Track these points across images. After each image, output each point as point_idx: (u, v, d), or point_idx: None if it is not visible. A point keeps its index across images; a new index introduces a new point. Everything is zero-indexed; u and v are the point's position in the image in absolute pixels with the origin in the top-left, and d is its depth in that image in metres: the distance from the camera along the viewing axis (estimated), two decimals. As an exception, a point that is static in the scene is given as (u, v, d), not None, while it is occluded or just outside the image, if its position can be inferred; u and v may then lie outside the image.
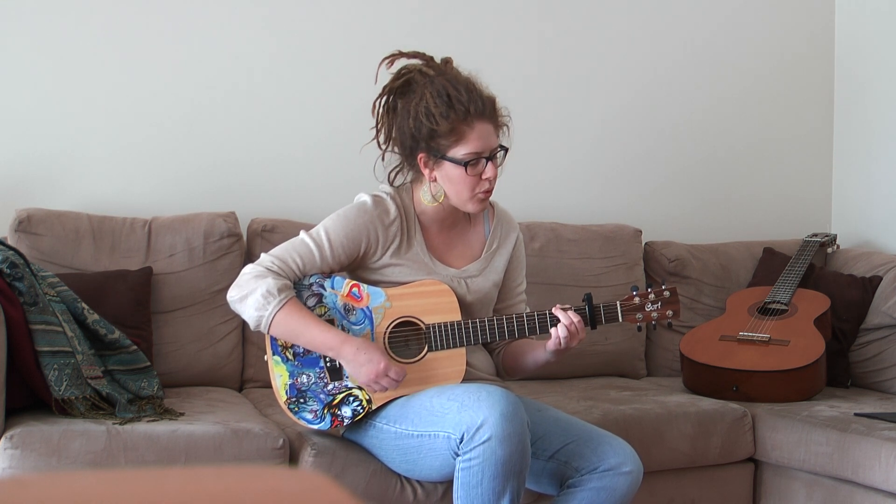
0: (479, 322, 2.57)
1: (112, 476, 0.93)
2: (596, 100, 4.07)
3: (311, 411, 2.57)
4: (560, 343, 2.53)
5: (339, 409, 2.57)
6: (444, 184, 2.57)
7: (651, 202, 4.14)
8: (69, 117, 3.45)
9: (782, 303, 3.59)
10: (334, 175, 3.63)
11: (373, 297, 2.58)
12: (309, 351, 2.57)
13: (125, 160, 3.51)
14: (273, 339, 2.58)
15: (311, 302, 2.57)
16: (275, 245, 2.64)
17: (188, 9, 3.56)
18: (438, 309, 2.58)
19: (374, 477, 2.63)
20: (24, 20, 3.40)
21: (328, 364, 2.57)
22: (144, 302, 3.16)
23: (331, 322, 2.56)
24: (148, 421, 2.67)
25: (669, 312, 2.63)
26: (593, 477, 2.49)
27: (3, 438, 2.52)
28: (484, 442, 2.31)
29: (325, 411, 2.57)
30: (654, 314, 2.62)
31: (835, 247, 4.05)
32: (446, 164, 2.54)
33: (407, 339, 2.59)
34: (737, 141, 4.29)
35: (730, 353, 3.41)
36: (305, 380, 2.58)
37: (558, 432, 2.56)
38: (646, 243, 3.94)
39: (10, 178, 3.38)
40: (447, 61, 2.63)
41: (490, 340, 2.59)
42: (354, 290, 2.59)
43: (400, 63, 2.65)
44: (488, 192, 2.57)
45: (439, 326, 2.57)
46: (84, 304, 2.90)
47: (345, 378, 2.57)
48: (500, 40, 3.93)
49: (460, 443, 2.37)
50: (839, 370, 3.63)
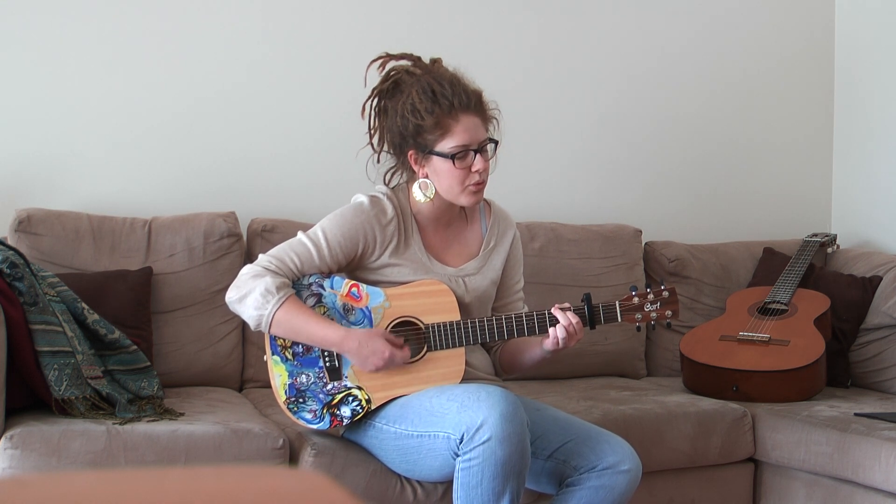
0: (479, 322, 2.57)
1: (112, 476, 0.94)
2: (596, 100, 4.07)
3: (310, 411, 2.57)
4: (558, 343, 2.54)
5: (339, 409, 2.57)
6: (434, 179, 2.57)
7: (651, 202, 4.14)
8: (69, 117, 3.45)
9: (782, 303, 3.59)
10: (334, 175, 3.63)
11: (372, 296, 2.59)
12: (308, 351, 2.57)
13: (125, 160, 3.51)
14: (272, 339, 2.58)
15: (311, 302, 2.57)
16: (274, 245, 2.64)
17: (188, 9, 3.56)
18: (437, 309, 2.58)
19: (374, 477, 2.63)
20: (24, 20, 3.40)
21: (327, 364, 2.57)
22: (144, 302, 3.16)
23: (330, 322, 2.57)
24: (148, 421, 2.67)
25: (668, 312, 2.62)
26: (592, 475, 2.49)
27: (3, 438, 2.52)
28: (484, 442, 2.32)
29: (325, 411, 2.57)
30: (653, 314, 2.61)
31: (835, 247, 4.05)
32: (435, 159, 2.54)
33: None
34: (737, 141, 4.29)
35: (730, 353, 3.41)
36: (305, 380, 2.58)
37: (557, 431, 2.56)
38: (646, 243, 3.94)
39: (10, 178, 3.38)
40: (435, 61, 2.64)
41: (489, 340, 2.59)
42: (354, 289, 2.59)
43: (390, 65, 2.66)
44: (479, 184, 2.56)
45: (438, 326, 2.57)
46: (84, 304, 2.90)
47: (344, 378, 2.57)
48: (498, 40, 3.93)
49: (460, 443, 2.37)
50: (839, 370, 3.63)
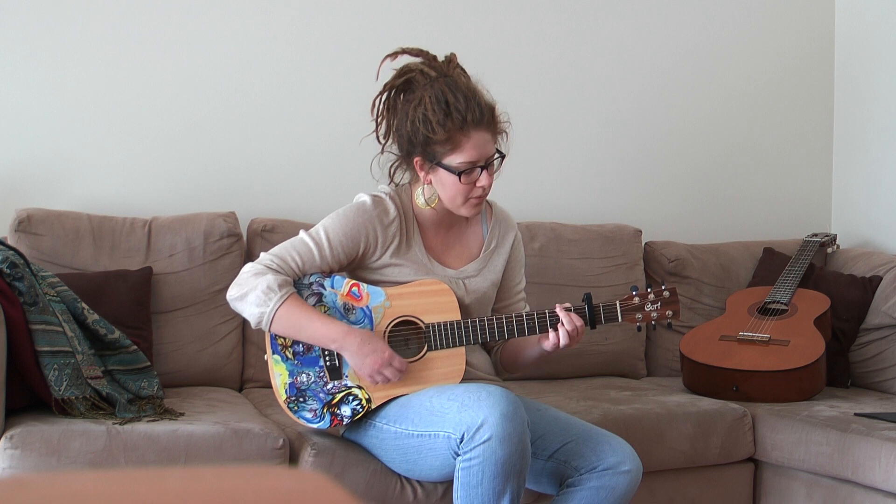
0: (479, 321, 2.57)
1: (112, 476, 0.94)
2: (596, 100, 4.07)
3: (310, 410, 2.57)
4: (558, 346, 2.54)
5: (339, 409, 2.57)
6: (438, 188, 2.57)
7: (651, 202, 4.14)
8: (69, 118, 3.45)
9: (782, 303, 3.59)
10: (334, 175, 3.63)
11: (372, 296, 2.59)
12: (308, 350, 2.57)
13: (125, 160, 3.51)
14: (273, 338, 2.58)
15: (311, 301, 2.57)
16: (275, 245, 2.64)
17: (188, 10, 3.56)
18: (438, 308, 2.58)
19: (374, 477, 2.63)
20: (25, 20, 3.40)
21: (328, 363, 2.57)
22: (144, 302, 3.16)
23: (330, 321, 2.57)
24: (148, 421, 2.67)
25: (669, 312, 2.62)
26: (592, 476, 2.49)
27: (3, 438, 2.52)
28: (484, 442, 2.31)
29: (325, 410, 2.57)
30: (653, 314, 2.61)
31: (835, 247, 4.05)
32: (441, 171, 2.54)
33: (406, 339, 2.59)
34: (737, 141, 4.29)
35: (730, 353, 3.41)
36: (305, 379, 2.58)
37: (557, 432, 2.56)
38: (646, 243, 3.93)
39: (10, 179, 3.38)
40: (450, 59, 2.61)
41: (489, 340, 2.59)
42: (354, 289, 2.59)
43: (403, 59, 2.64)
44: (481, 198, 2.57)
45: (439, 326, 2.57)
46: (84, 304, 2.90)
47: (344, 377, 2.57)
48: (501, 40, 3.93)
49: (460, 442, 2.37)
50: (839, 370, 3.63)
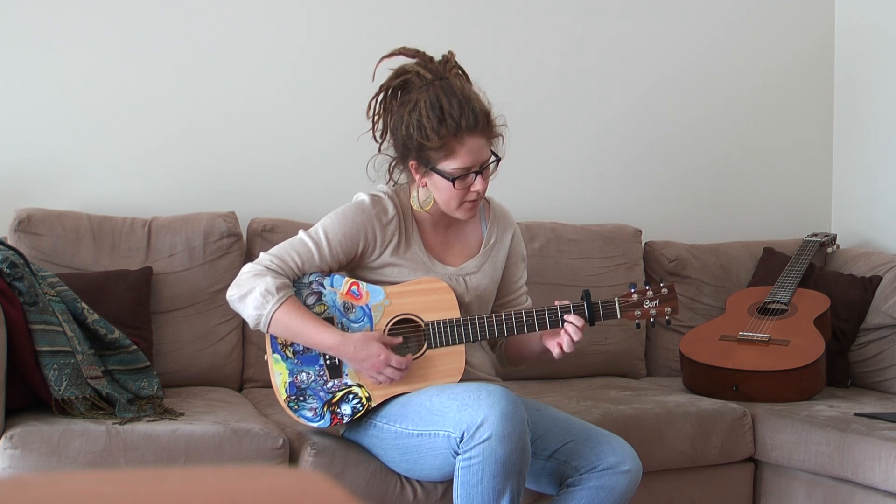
0: (478, 319, 2.57)
1: (112, 476, 0.94)
2: (596, 100, 4.07)
3: (310, 409, 2.57)
4: (562, 353, 2.54)
5: (339, 407, 2.57)
6: (433, 191, 2.58)
7: (651, 202, 4.14)
8: (69, 118, 3.45)
9: (782, 303, 3.59)
10: (334, 175, 3.63)
11: (372, 294, 2.59)
12: (309, 349, 2.57)
13: (125, 160, 3.51)
14: (273, 337, 2.58)
15: (311, 300, 2.57)
16: (274, 245, 2.64)
17: (188, 10, 3.56)
18: (437, 306, 2.58)
19: (374, 477, 2.63)
20: (25, 21, 3.40)
21: (328, 362, 2.57)
22: (144, 302, 3.16)
23: (330, 320, 2.57)
24: (148, 421, 2.67)
25: (668, 309, 2.62)
26: (592, 476, 2.49)
27: (3, 438, 2.52)
28: (484, 441, 2.32)
29: (325, 409, 2.57)
30: (652, 311, 2.61)
31: (835, 247, 4.05)
32: (436, 176, 2.54)
33: (406, 337, 2.59)
34: (737, 141, 4.29)
35: (730, 352, 3.41)
36: (305, 378, 2.58)
37: (557, 432, 2.56)
38: (646, 243, 3.93)
39: (10, 179, 3.38)
40: (447, 59, 2.61)
41: (489, 337, 2.59)
42: (353, 287, 2.59)
43: (400, 60, 2.64)
44: (476, 201, 2.57)
45: (438, 324, 2.57)
46: (84, 304, 2.90)
47: (344, 376, 2.57)
48: (501, 40, 3.93)
49: (460, 441, 2.37)
50: (839, 370, 3.63)
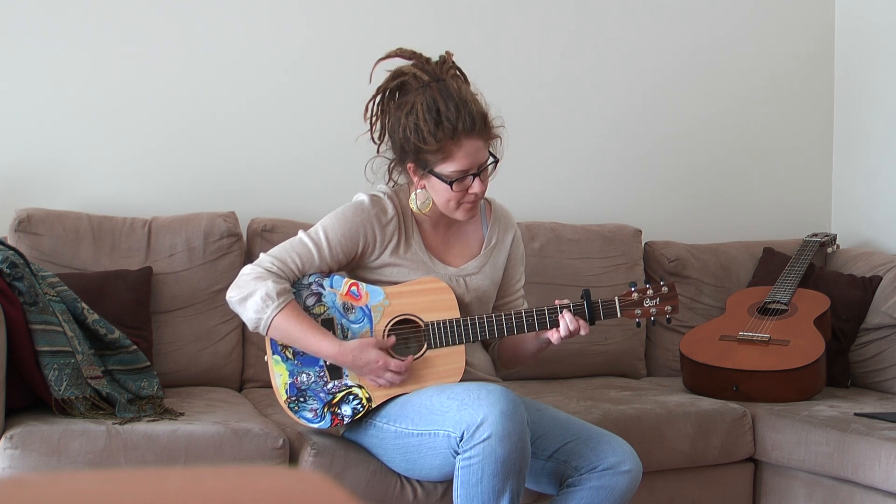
0: (478, 319, 2.57)
1: (112, 476, 0.94)
2: (596, 100, 4.07)
3: (311, 410, 2.57)
4: (560, 337, 2.55)
5: (339, 408, 2.57)
6: (431, 193, 2.58)
7: (651, 202, 4.14)
8: (69, 118, 3.45)
9: (782, 303, 3.59)
10: (334, 175, 3.63)
11: (371, 295, 2.59)
12: (309, 350, 2.58)
13: (125, 160, 3.51)
14: (273, 338, 2.58)
15: (311, 301, 2.57)
16: (275, 245, 2.63)
17: (188, 10, 3.56)
18: (437, 307, 2.58)
19: (374, 477, 2.63)
20: (25, 21, 3.40)
21: (328, 363, 2.57)
22: (144, 302, 3.16)
23: (330, 321, 2.57)
24: (148, 421, 2.67)
25: (668, 308, 2.62)
26: (592, 476, 2.49)
27: (3, 438, 2.52)
28: (484, 440, 2.32)
29: (325, 410, 2.57)
30: (652, 310, 2.61)
31: (835, 247, 4.05)
32: (433, 178, 2.54)
33: (406, 337, 2.59)
34: (737, 141, 4.29)
35: (730, 352, 3.41)
36: (305, 379, 2.58)
37: (557, 431, 2.56)
38: (646, 243, 3.93)
39: (10, 179, 3.38)
40: (444, 60, 2.61)
41: (489, 337, 2.59)
42: (353, 288, 2.59)
43: (397, 61, 2.64)
44: (474, 202, 2.57)
45: (438, 324, 2.57)
46: (84, 304, 2.90)
47: (345, 377, 2.57)
48: (500, 41, 3.93)
49: (460, 441, 2.37)
50: (839, 370, 3.63)
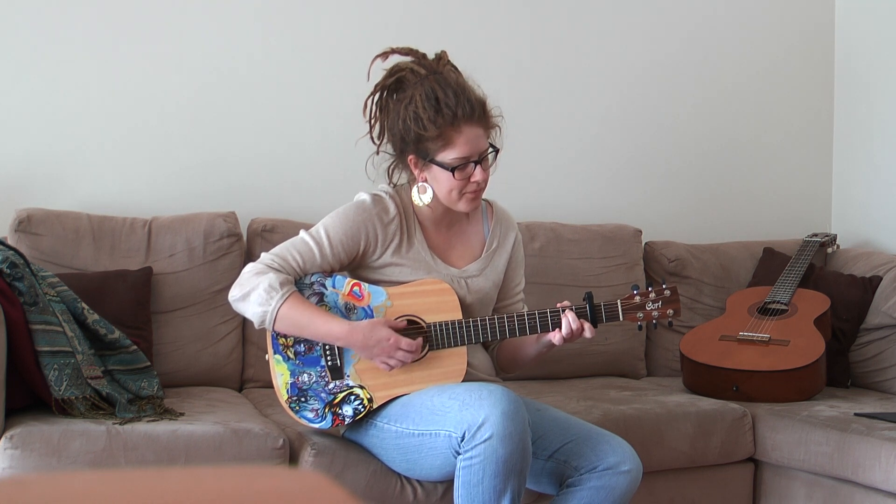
0: (481, 321, 2.57)
1: (112, 476, 0.94)
2: (596, 100, 4.07)
3: (312, 410, 2.57)
4: (562, 338, 2.55)
5: (341, 408, 2.57)
6: (433, 184, 2.58)
7: (651, 202, 4.14)
8: (69, 117, 3.45)
9: (782, 303, 3.59)
10: (334, 175, 3.63)
11: (374, 295, 2.59)
12: (310, 350, 2.57)
13: (125, 160, 3.51)
14: (274, 338, 2.58)
15: (313, 301, 2.57)
16: (275, 245, 2.64)
17: (188, 10, 3.56)
18: (439, 308, 2.58)
19: (374, 477, 2.63)
20: (24, 20, 3.40)
21: (329, 363, 2.57)
22: (144, 302, 3.16)
23: (331, 321, 2.57)
24: (148, 421, 2.67)
25: (670, 311, 2.62)
26: (592, 476, 2.49)
27: (3, 438, 2.52)
28: (485, 440, 2.32)
29: (327, 410, 2.57)
30: (654, 313, 2.62)
31: (835, 247, 4.05)
32: (435, 168, 2.54)
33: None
34: (737, 141, 4.29)
35: (730, 352, 3.41)
36: (307, 378, 2.58)
37: (557, 432, 2.56)
38: (646, 243, 3.93)
39: (10, 179, 3.38)
40: (440, 57, 2.62)
41: (491, 339, 2.59)
42: (356, 288, 2.59)
43: (393, 59, 2.64)
44: (477, 192, 2.57)
45: (440, 325, 2.57)
46: (84, 304, 2.90)
47: (346, 377, 2.57)
48: (497, 39, 3.93)
49: (461, 441, 2.37)
50: (839, 370, 3.63)
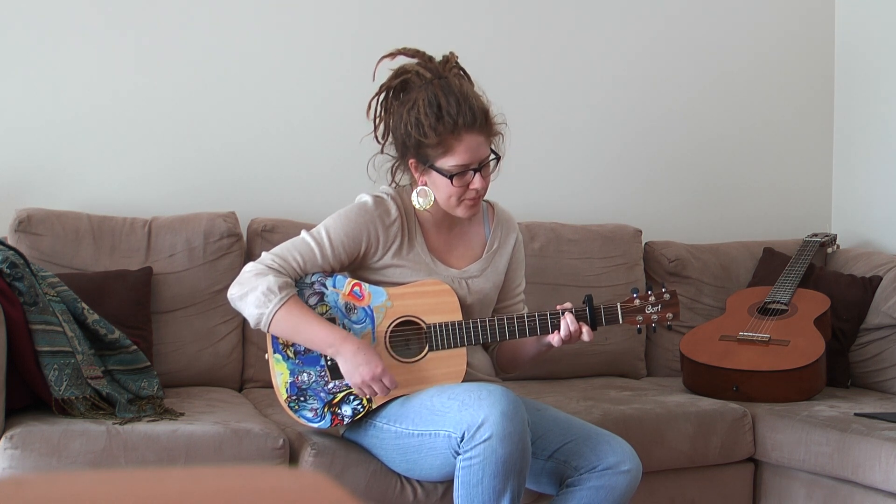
0: (480, 322, 2.57)
1: (112, 476, 0.94)
2: (596, 100, 4.07)
3: (311, 409, 2.57)
4: (561, 339, 2.55)
5: (340, 408, 2.57)
6: (433, 189, 2.58)
7: (651, 202, 4.14)
8: (69, 117, 3.45)
9: (782, 303, 3.59)
10: (335, 175, 3.63)
11: (374, 296, 2.59)
12: (310, 349, 2.57)
13: (125, 160, 3.51)
14: (274, 337, 2.58)
15: (313, 300, 2.57)
16: (275, 245, 2.64)
17: (188, 9, 3.56)
18: (439, 309, 2.58)
19: (374, 477, 2.63)
20: (24, 20, 3.40)
21: (329, 362, 2.57)
22: (144, 302, 3.16)
23: (332, 320, 2.56)
24: (148, 421, 2.67)
25: (669, 315, 2.63)
26: (592, 476, 2.49)
27: (3, 438, 2.52)
28: (484, 440, 2.32)
29: (326, 410, 2.57)
30: (654, 316, 2.62)
31: (835, 247, 4.05)
32: (434, 173, 2.55)
33: (408, 339, 2.59)
34: (737, 141, 4.29)
35: (730, 353, 3.41)
36: (306, 378, 2.58)
37: (557, 432, 2.56)
38: (646, 243, 3.93)
39: (10, 178, 3.38)
40: (448, 59, 2.61)
41: (491, 340, 2.59)
42: (356, 289, 2.59)
43: (400, 60, 2.64)
44: (476, 199, 2.57)
45: (440, 326, 2.57)
46: (84, 304, 2.90)
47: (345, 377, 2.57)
48: (498, 39, 3.93)
49: (461, 441, 2.37)
50: (839, 370, 3.63)
